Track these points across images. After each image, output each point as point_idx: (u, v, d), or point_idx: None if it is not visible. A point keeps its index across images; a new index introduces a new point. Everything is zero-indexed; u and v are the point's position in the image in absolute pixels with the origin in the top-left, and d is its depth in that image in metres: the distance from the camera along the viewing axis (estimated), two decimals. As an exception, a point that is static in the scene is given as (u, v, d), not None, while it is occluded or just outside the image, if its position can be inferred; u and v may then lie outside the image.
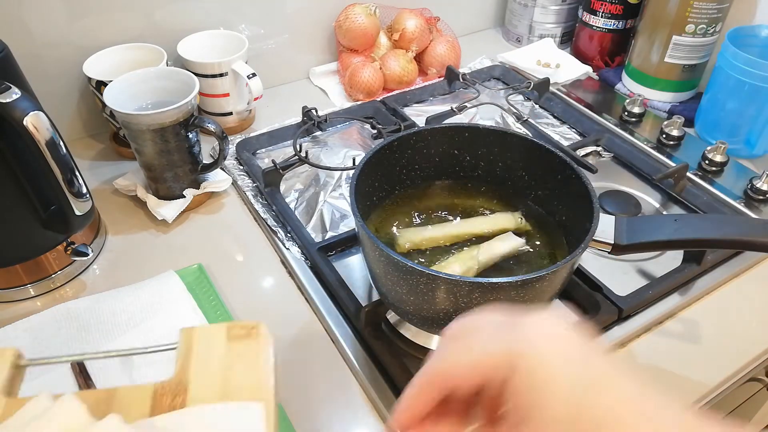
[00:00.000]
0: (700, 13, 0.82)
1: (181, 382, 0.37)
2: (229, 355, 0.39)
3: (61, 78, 0.77)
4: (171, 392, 0.37)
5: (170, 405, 0.36)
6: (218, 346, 0.39)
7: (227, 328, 0.40)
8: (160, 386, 0.37)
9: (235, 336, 0.40)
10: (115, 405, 0.37)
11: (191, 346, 0.39)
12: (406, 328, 0.57)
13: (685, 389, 0.54)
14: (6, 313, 0.60)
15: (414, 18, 0.93)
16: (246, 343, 0.39)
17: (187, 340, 0.40)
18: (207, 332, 0.40)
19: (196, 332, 0.40)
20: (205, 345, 0.39)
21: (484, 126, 0.60)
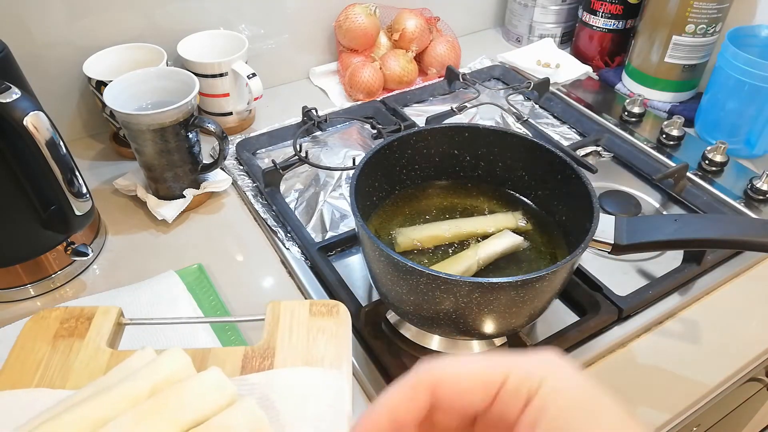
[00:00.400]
0: (700, 13, 0.82)
1: (269, 347, 0.42)
2: (312, 328, 0.43)
3: (61, 78, 0.77)
4: (260, 355, 0.42)
5: (259, 366, 0.41)
6: (302, 319, 0.44)
7: (310, 304, 0.45)
8: (250, 350, 0.43)
9: (317, 312, 0.45)
10: (209, 362, 0.42)
11: (278, 317, 0.44)
12: (406, 328, 0.57)
13: (685, 389, 0.54)
14: (6, 313, 0.60)
15: (414, 18, 0.93)
16: (327, 319, 0.44)
17: (274, 312, 0.44)
18: (292, 306, 0.45)
19: (282, 305, 0.45)
20: (290, 317, 0.44)
21: (484, 126, 0.60)
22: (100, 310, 0.45)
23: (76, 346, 0.43)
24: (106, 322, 0.44)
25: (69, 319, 0.45)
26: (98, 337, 0.43)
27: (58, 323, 0.44)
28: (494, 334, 0.50)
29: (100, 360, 0.42)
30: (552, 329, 0.56)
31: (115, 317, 0.45)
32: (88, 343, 0.43)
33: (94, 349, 0.43)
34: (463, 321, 0.47)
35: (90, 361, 0.42)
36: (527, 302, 0.46)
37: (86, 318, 0.45)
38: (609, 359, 0.56)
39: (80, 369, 0.41)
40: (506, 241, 0.55)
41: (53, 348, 0.43)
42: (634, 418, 0.22)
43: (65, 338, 0.43)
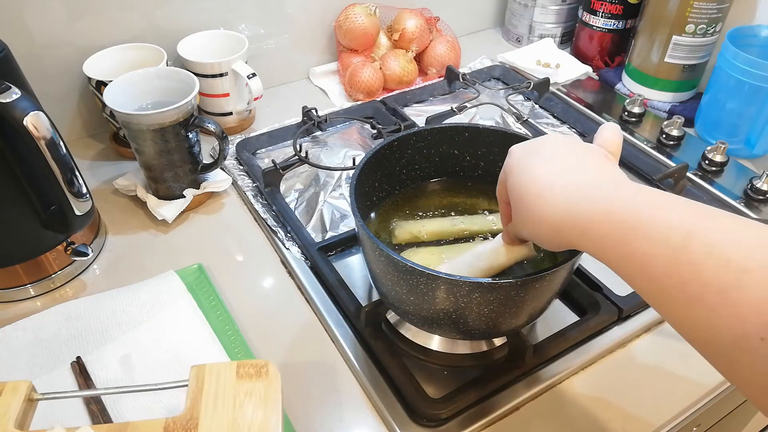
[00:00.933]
0: (700, 13, 0.82)
1: (192, 417, 0.39)
2: (239, 392, 0.40)
3: (61, 78, 0.77)
4: (182, 427, 0.38)
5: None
6: (228, 383, 0.41)
7: (237, 366, 0.42)
8: (171, 421, 0.39)
9: (244, 374, 0.41)
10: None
11: (202, 383, 0.41)
12: (406, 328, 0.57)
13: (685, 389, 0.54)
14: (6, 313, 0.60)
15: (414, 18, 0.93)
16: (255, 382, 0.41)
17: (198, 377, 0.41)
18: (217, 370, 0.42)
19: (207, 369, 0.42)
20: (215, 382, 0.41)
21: (484, 126, 0.60)
22: (8, 386, 0.40)
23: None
24: (15, 399, 0.40)
25: None
26: (5, 419, 0.39)
27: None
28: (494, 334, 0.50)
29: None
30: (552, 329, 0.56)
31: (25, 393, 0.40)
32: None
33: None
34: (463, 321, 0.47)
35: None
36: (527, 302, 0.46)
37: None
38: (609, 359, 0.56)
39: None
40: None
41: None
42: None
43: None
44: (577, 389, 0.54)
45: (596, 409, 0.52)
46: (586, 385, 0.54)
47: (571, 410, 0.52)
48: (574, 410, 0.52)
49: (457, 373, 0.54)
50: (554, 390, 0.53)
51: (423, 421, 0.49)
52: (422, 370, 0.53)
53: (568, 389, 0.54)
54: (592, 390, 0.53)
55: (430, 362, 0.54)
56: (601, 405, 0.52)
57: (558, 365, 0.54)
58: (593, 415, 0.51)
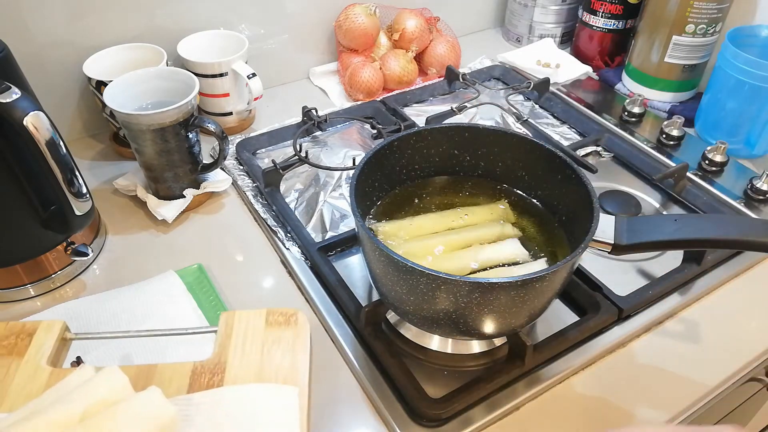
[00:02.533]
0: (700, 13, 0.82)
1: (219, 362, 0.40)
2: (267, 340, 0.41)
3: (61, 78, 0.77)
4: (209, 371, 0.39)
5: (208, 383, 0.38)
6: (257, 330, 0.41)
7: (267, 314, 0.42)
8: (199, 365, 0.40)
9: (273, 322, 0.42)
10: (154, 380, 0.39)
11: (231, 329, 0.41)
12: (406, 328, 0.57)
13: (685, 389, 0.54)
14: (6, 313, 0.60)
15: (414, 18, 0.93)
16: (284, 330, 0.41)
17: (227, 323, 0.42)
18: (247, 316, 0.42)
19: (236, 315, 0.42)
20: (244, 328, 0.41)
21: (484, 126, 0.60)
22: (43, 325, 0.42)
23: (15, 365, 0.40)
24: (49, 337, 0.42)
25: (9, 336, 0.42)
26: (38, 355, 0.41)
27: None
28: (494, 334, 0.50)
29: (39, 379, 0.39)
30: (552, 329, 0.56)
31: (59, 332, 0.42)
32: (28, 362, 0.40)
33: (33, 368, 0.40)
34: (463, 321, 0.47)
35: (28, 381, 0.39)
36: (527, 302, 0.46)
37: (27, 334, 0.42)
38: (609, 359, 0.56)
39: (17, 390, 0.39)
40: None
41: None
42: None
43: (4, 357, 0.41)
44: (577, 389, 0.54)
45: (596, 408, 0.52)
46: (586, 385, 0.54)
47: (571, 410, 0.52)
48: (574, 410, 0.52)
49: (457, 373, 0.54)
50: (554, 390, 0.53)
51: (423, 421, 0.49)
52: (422, 370, 0.53)
53: (568, 389, 0.54)
54: (592, 390, 0.53)
55: (430, 362, 0.54)
56: (601, 405, 0.52)
57: (558, 365, 0.54)
58: (593, 415, 0.51)
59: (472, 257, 0.54)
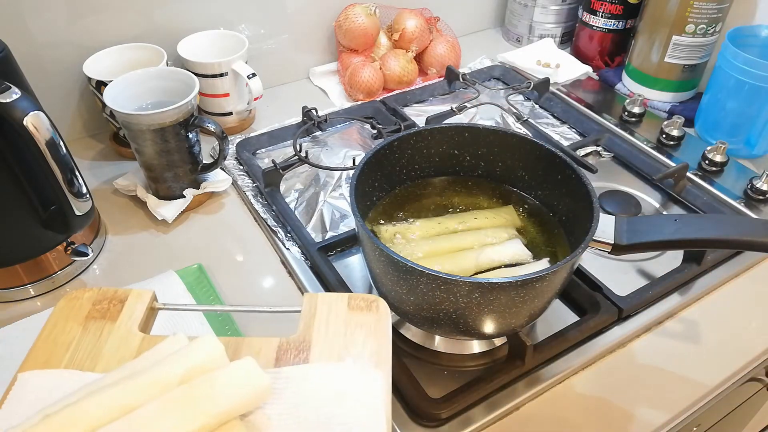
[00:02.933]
0: (700, 13, 0.82)
1: (304, 340, 0.41)
2: (350, 323, 0.42)
3: (61, 78, 0.77)
4: (295, 347, 0.40)
5: (294, 359, 0.40)
6: (339, 312, 0.43)
7: (349, 298, 0.43)
8: (285, 341, 0.41)
9: (355, 306, 0.43)
10: (242, 352, 0.40)
11: (315, 310, 0.43)
12: (406, 328, 0.57)
13: (685, 389, 0.54)
14: (6, 313, 0.60)
15: (414, 18, 0.93)
16: (366, 315, 0.42)
17: (310, 304, 0.43)
18: (329, 299, 0.43)
19: (319, 297, 0.44)
20: (327, 310, 0.43)
21: (484, 126, 0.60)
22: (134, 293, 0.44)
23: (108, 329, 0.42)
24: (139, 305, 0.43)
25: (102, 300, 0.44)
26: (130, 321, 0.42)
27: (91, 304, 0.43)
28: (494, 334, 0.50)
29: (131, 344, 0.41)
30: (552, 329, 0.56)
31: (149, 301, 0.44)
32: (120, 326, 0.42)
33: (125, 333, 0.42)
34: (463, 321, 0.47)
35: (121, 344, 0.41)
36: (527, 302, 0.46)
37: (119, 300, 0.44)
38: (609, 359, 0.56)
39: (111, 352, 0.40)
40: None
41: (84, 329, 0.42)
42: None
43: (97, 320, 0.42)
44: (577, 389, 0.54)
45: (596, 409, 0.52)
46: (586, 385, 0.54)
47: (571, 410, 0.52)
48: (574, 410, 0.52)
49: (457, 373, 0.54)
50: (554, 390, 0.53)
51: (423, 421, 0.49)
52: (422, 370, 0.53)
53: (568, 389, 0.54)
54: (592, 390, 0.53)
55: (430, 362, 0.54)
56: (601, 405, 0.52)
57: (558, 365, 0.54)
58: (593, 415, 0.51)
59: (474, 258, 0.54)
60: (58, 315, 0.43)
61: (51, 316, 0.43)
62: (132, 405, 0.35)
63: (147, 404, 0.35)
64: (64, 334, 0.42)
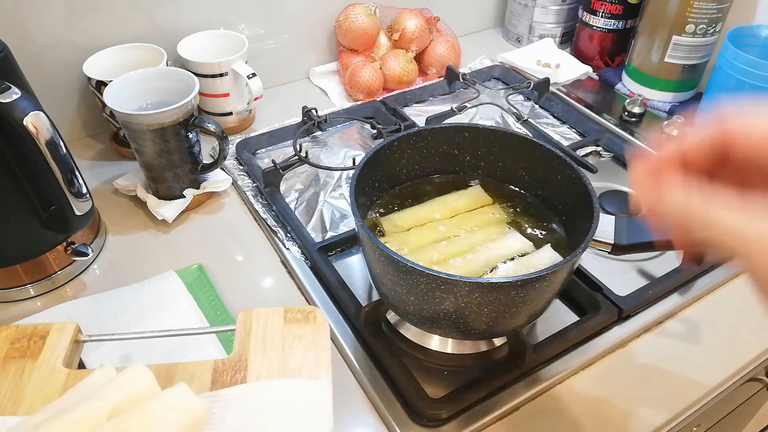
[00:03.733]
0: (700, 13, 0.82)
1: (241, 359, 0.40)
2: (288, 336, 0.41)
3: (61, 78, 0.77)
4: (231, 368, 0.39)
5: (231, 380, 0.39)
6: (276, 327, 0.42)
7: (284, 311, 0.43)
8: (220, 362, 0.40)
9: (292, 319, 0.42)
10: (176, 378, 0.39)
11: (250, 327, 0.42)
12: (406, 328, 0.57)
13: (685, 389, 0.54)
14: (6, 313, 0.60)
15: (414, 18, 0.93)
16: (303, 326, 0.42)
17: (245, 321, 0.42)
18: (265, 314, 0.43)
19: (254, 313, 0.43)
20: (263, 326, 0.42)
21: (484, 126, 0.60)
22: (55, 327, 0.42)
23: (29, 368, 0.40)
24: (62, 339, 0.41)
25: (20, 338, 0.42)
26: (53, 357, 0.40)
27: (8, 344, 0.41)
28: (494, 334, 0.50)
29: (56, 381, 0.39)
30: (552, 329, 0.56)
31: (72, 334, 0.42)
32: (42, 364, 0.40)
33: (48, 370, 0.39)
34: (463, 321, 0.47)
35: (45, 383, 0.39)
36: (527, 302, 0.46)
37: (39, 337, 0.41)
38: (609, 359, 0.56)
39: (34, 392, 0.38)
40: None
41: (3, 371, 0.40)
42: None
43: (16, 359, 0.40)
44: (577, 389, 0.54)
45: (596, 409, 0.52)
46: (586, 385, 0.54)
47: (571, 410, 0.52)
48: (574, 410, 0.52)
49: (457, 373, 0.54)
50: (554, 390, 0.53)
51: (423, 421, 0.49)
52: (422, 370, 0.53)
53: (568, 389, 0.54)
54: (592, 390, 0.53)
55: (430, 362, 0.54)
56: (601, 405, 0.52)
57: (558, 365, 0.54)
58: (593, 415, 0.51)
59: (481, 259, 0.54)
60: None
61: None
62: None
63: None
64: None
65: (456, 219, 0.59)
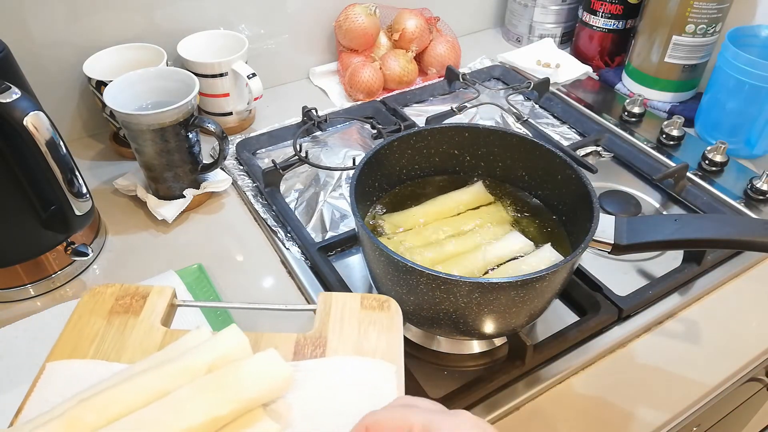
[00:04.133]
0: (700, 13, 0.82)
1: (321, 336, 0.43)
2: (363, 320, 0.44)
3: (61, 78, 0.77)
4: (312, 343, 0.43)
5: (311, 354, 0.42)
6: (353, 311, 0.45)
7: (361, 298, 0.46)
8: (302, 337, 0.43)
9: (368, 306, 0.45)
10: (263, 345, 0.42)
11: (329, 308, 0.45)
12: (406, 328, 0.56)
13: (685, 389, 0.54)
14: (6, 313, 0.60)
15: (414, 18, 0.93)
16: (378, 313, 0.45)
17: (326, 302, 0.45)
18: (343, 298, 0.46)
19: (333, 297, 0.46)
20: (341, 308, 0.45)
21: (484, 126, 0.60)
22: (155, 290, 0.46)
23: (131, 323, 0.44)
24: (161, 300, 0.45)
25: (124, 296, 0.46)
26: (153, 316, 0.44)
27: (114, 299, 0.45)
28: (494, 334, 0.50)
29: (155, 338, 0.43)
30: (552, 329, 0.56)
31: (170, 297, 0.46)
32: (143, 321, 0.44)
33: (148, 327, 0.43)
34: (463, 321, 0.47)
35: (144, 338, 0.43)
36: (527, 302, 0.46)
37: (141, 296, 0.46)
38: (609, 359, 0.56)
39: (135, 345, 0.42)
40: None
41: (108, 323, 0.44)
42: None
43: (120, 314, 0.44)
44: (577, 389, 0.54)
45: (596, 409, 0.52)
46: (586, 385, 0.54)
47: (571, 410, 0.52)
48: (574, 410, 0.52)
49: (457, 373, 0.54)
50: (554, 390, 0.53)
51: (423, 421, 0.49)
52: (422, 370, 0.53)
53: (568, 389, 0.54)
54: (592, 390, 0.53)
55: (430, 362, 0.54)
56: (601, 405, 0.52)
57: (558, 365, 0.54)
58: (593, 415, 0.51)
59: (481, 259, 0.54)
60: (82, 309, 0.45)
61: (75, 309, 0.45)
62: (164, 390, 0.36)
63: (178, 389, 0.36)
64: (88, 326, 0.43)
65: (456, 219, 0.59)
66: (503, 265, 0.54)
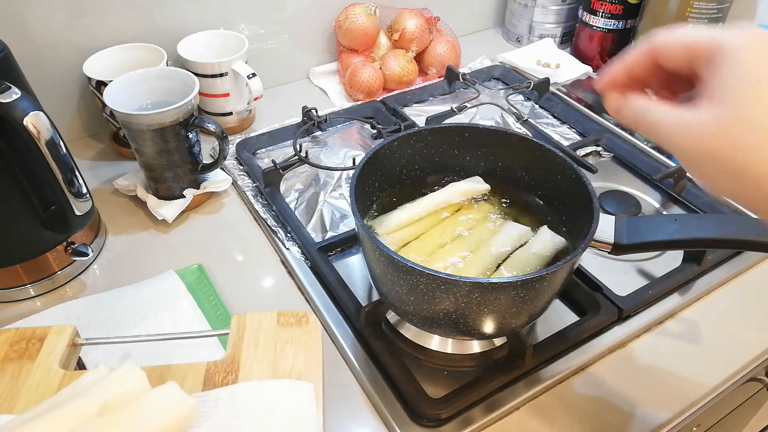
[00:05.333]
0: (700, 13, 0.82)
1: (233, 361, 0.41)
2: (280, 339, 0.42)
3: (61, 78, 0.77)
4: (223, 370, 0.40)
5: (222, 381, 0.40)
6: (269, 330, 0.43)
7: (278, 315, 0.44)
8: (212, 364, 0.41)
9: (284, 323, 0.43)
10: (169, 378, 0.39)
11: (243, 330, 0.43)
12: (406, 328, 0.57)
13: (685, 389, 0.54)
14: (6, 313, 0.60)
15: (414, 18, 0.93)
16: (295, 330, 0.43)
17: (239, 325, 0.43)
18: (258, 317, 0.44)
19: (248, 317, 0.44)
20: (256, 329, 0.43)
21: (484, 126, 0.60)
22: (53, 330, 0.43)
23: (26, 369, 0.41)
24: (60, 342, 0.42)
25: (19, 341, 0.43)
26: (50, 359, 0.41)
27: (8, 346, 0.42)
28: (494, 334, 0.50)
29: (52, 381, 0.40)
30: (552, 329, 0.56)
31: (69, 337, 0.43)
32: (39, 365, 0.41)
33: (44, 371, 0.40)
34: (463, 321, 0.47)
35: (40, 383, 0.40)
36: (527, 302, 0.46)
37: (38, 339, 0.43)
38: (609, 359, 0.56)
39: (29, 392, 0.39)
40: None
41: (1, 372, 0.41)
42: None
43: (14, 361, 0.41)
44: (577, 389, 0.54)
45: (596, 409, 0.52)
46: (586, 385, 0.54)
47: (572, 410, 0.52)
48: (575, 410, 0.52)
49: (457, 373, 0.54)
50: (554, 390, 0.53)
51: (423, 421, 0.49)
52: (422, 370, 0.53)
53: (568, 389, 0.54)
54: (592, 390, 0.53)
55: (430, 362, 0.54)
56: (601, 405, 0.52)
57: (558, 365, 0.54)
58: (593, 415, 0.51)
59: (489, 254, 0.54)
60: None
61: None
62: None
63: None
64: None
65: (454, 216, 0.58)
66: (512, 255, 0.53)
